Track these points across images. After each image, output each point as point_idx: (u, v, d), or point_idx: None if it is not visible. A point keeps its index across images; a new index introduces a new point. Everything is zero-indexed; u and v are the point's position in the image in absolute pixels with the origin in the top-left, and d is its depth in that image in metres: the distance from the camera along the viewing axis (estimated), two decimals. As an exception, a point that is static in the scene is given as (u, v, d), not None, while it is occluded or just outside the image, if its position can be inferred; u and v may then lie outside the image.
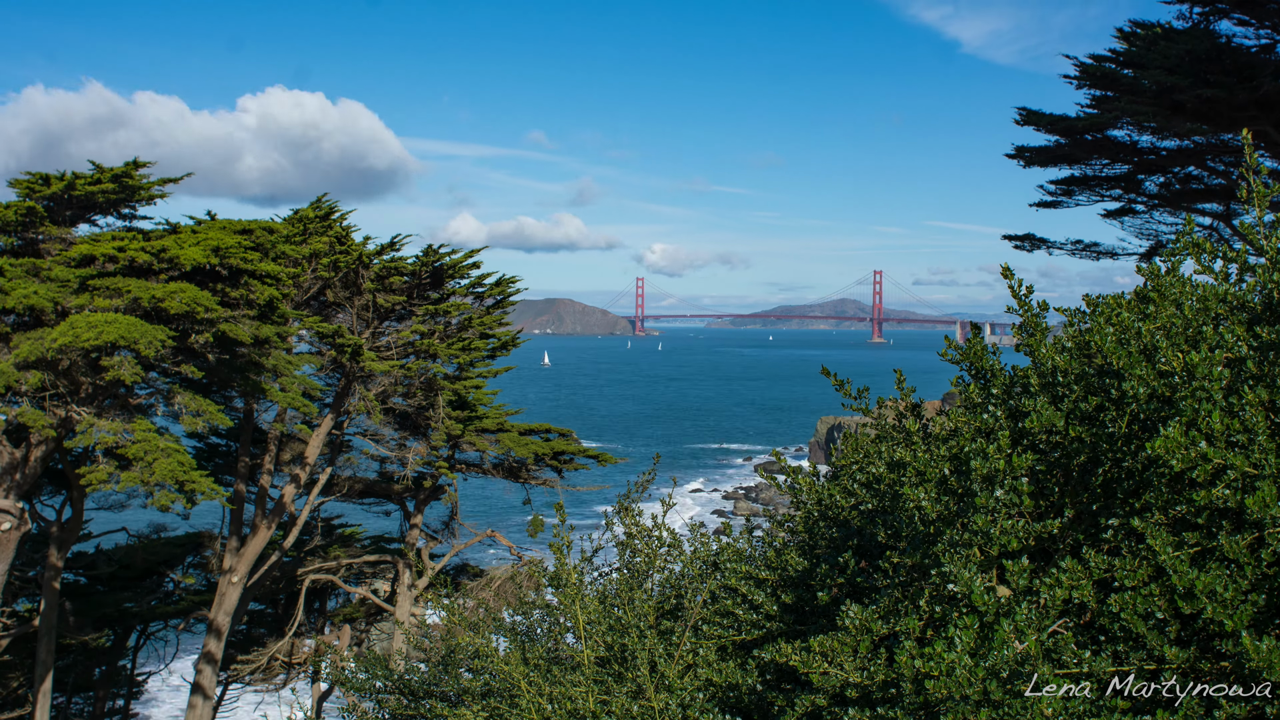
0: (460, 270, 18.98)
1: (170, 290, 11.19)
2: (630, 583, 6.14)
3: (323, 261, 16.76)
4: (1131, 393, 3.54)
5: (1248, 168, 4.08)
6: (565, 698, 5.08)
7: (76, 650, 19.02)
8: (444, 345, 17.88)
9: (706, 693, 4.84)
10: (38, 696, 14.73)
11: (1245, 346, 3.55)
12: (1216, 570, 3.16)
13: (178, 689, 33.43)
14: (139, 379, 11.37)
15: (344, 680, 7.35)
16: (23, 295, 10.85)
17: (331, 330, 16.33)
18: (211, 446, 21.13)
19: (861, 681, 3.77)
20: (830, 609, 4.82)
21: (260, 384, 13.39)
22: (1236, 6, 16.89)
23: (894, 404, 5.36)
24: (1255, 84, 16.10)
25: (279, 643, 20.48)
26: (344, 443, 20.45)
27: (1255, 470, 3.20)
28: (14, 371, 10.70)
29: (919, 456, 3.93)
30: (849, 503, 5.31)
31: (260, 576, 18.16)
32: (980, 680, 3.11)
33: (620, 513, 6.53)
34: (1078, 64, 18.98)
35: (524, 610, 7.23)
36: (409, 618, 20.11)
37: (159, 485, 10.79)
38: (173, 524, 21.74)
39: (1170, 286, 3.92)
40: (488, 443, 20.55)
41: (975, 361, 4.45)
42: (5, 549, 11.65)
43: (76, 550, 18.70)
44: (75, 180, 11.89)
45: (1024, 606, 3.27)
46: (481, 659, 5.87)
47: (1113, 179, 21.36)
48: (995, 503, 3.57)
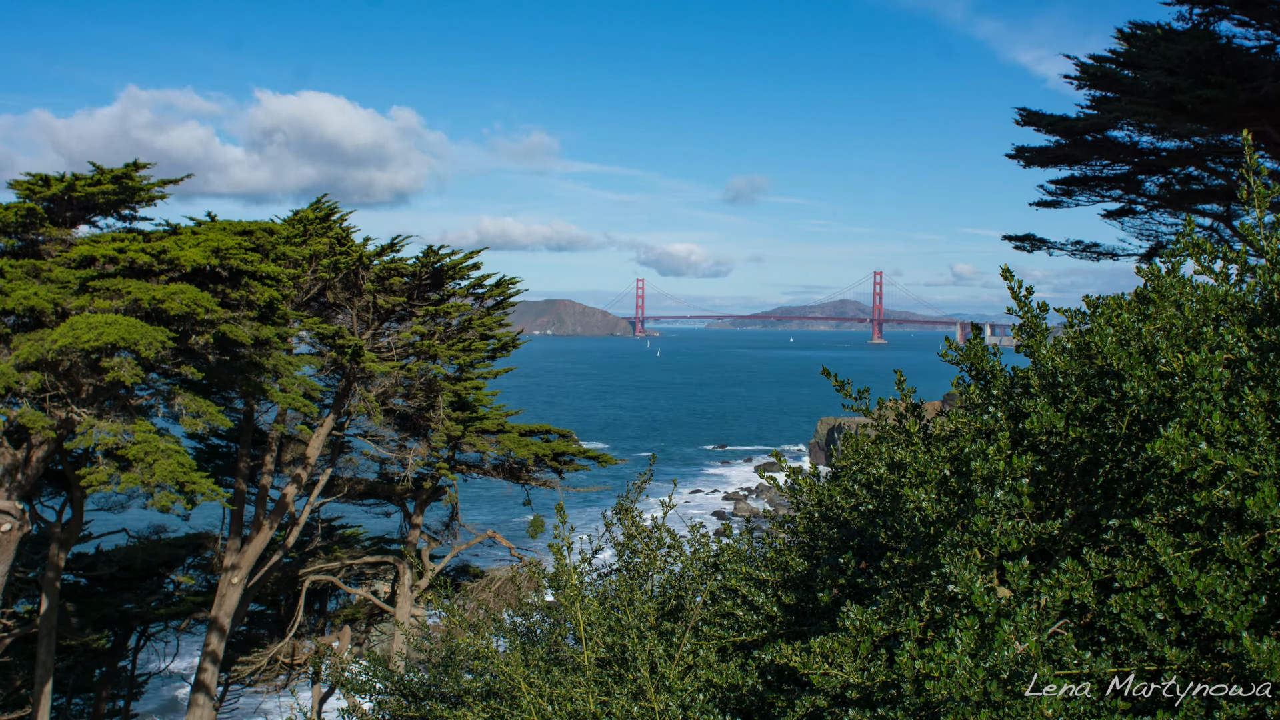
0: (460, 271, 18.99)
1: (170, 291, 11.20)
2: (630, 584, 6.14)
3: (323, 263, 16.77)
4: (1132, 393, 3.54)
5: (1248, 168, 4.08)
6: (566, 698, 5.08)
7: (77, 651, 19.00)
8: (444, 346, 17.89)
9: (707, 694, 4.84)
10: (38, 697, 14.73)
11: (1245, 347, 3.55)
12: (1217, 571, 3.16)
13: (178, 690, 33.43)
14: (139, 380, 11.37)
15: (344, 681, 7.35)
16: (23, 296, 10.86)
17: (332, 331, 16.34)
18: (212, 447, 21.13)
19: (862, 682, 3.77)
20: (831, 610, 4.82)
21: (261, 385, 13.40)
22: (1236, 7, 16.89)
23: (894, 405, 5.36)
24: (1255, 84, 16.11)
25: (279, 644, 20.47)
26: (344, 444, 20.45)
27: (1255, 471, 3.20)
28: (14, 373, 10.70)
29: (919, 457, 3.93)
30: (849, 503, 5.31)
31: (260, 577, 18.16)
32: (980, 681, 3.11)
33: (620, 514, 6.53)
34: (1078, 64, 18.99)
35: (524, 611, 7.23)
36: (409, 619, 20.11)
37: (159, 486, 10.79)
38: (173, 525, 21.76)
39: (1170, 287, 3.92)
40: (488, 444, 20.55)
41: (976, 362, 4.45)
42: (5, 550, 11.65)
43: (77, 551, 18.71)
44: (75, 181, 11.90)
45: (1024, 607, 3.27)
46: (482, 660, 5.87)
47: (1113, 179, 21.37)
48: (995, 504, 3.57)
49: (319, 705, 20.68)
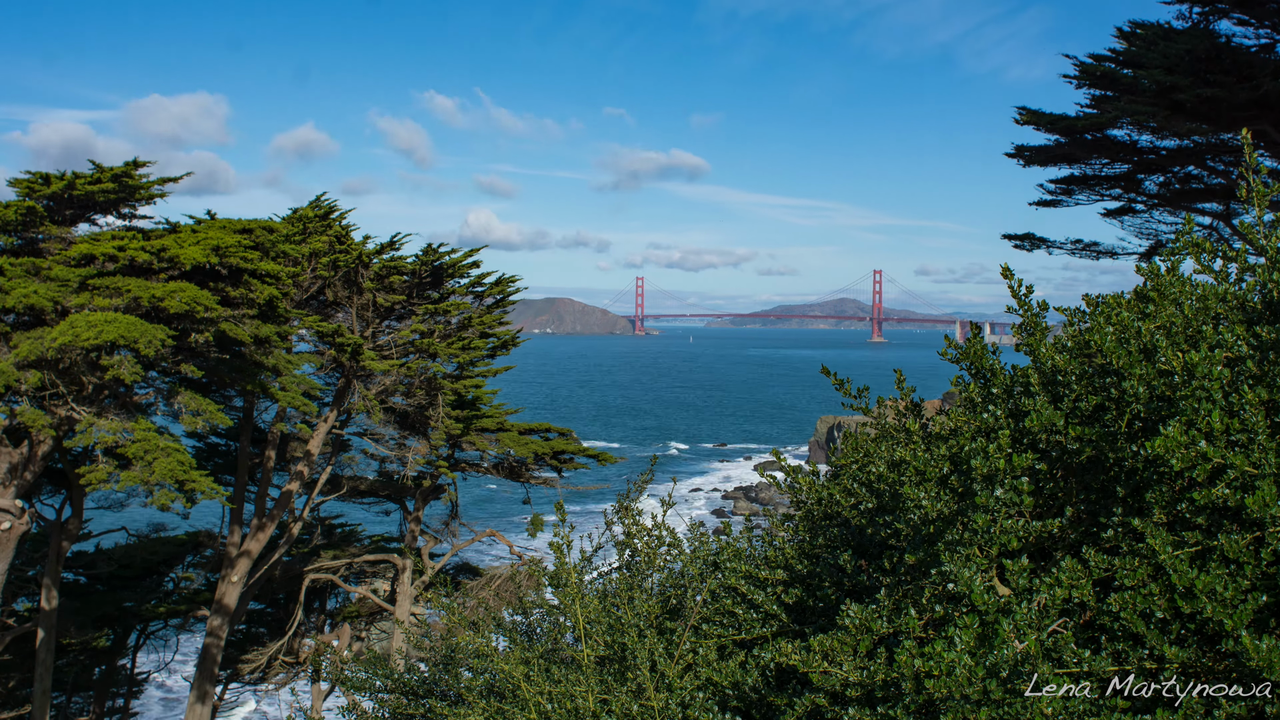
0: (460, 269, 18.99)
1: (170, 289, 11.20)
2: (630, 582, 6.15)
3: (322, 260, 16.77)
4: (1131, 392, 3.54)
5: (1247, 167, 4.08)
6: (566, 696, 5.08)
7: (76, 650, 19.01)
8: (444, 344, 17.89)
9: (707, 692, 4.85)
10: (37, 696, 14.74)
11: (1245, 346, 3.56)
12: (1216, 570, 3.16)
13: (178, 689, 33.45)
14: (139, 378, 11.37)
15: (344, 680, 7.35)
16: (23, 295, 10.86)
17: (331, 329, 16.34)
18: (211, 446, 21.13)
19: (862, 681, 3.77)
20: (830, 608, 4.83)
21: (260, 383, 13.40)
22: (1236, 6, 16.89)
23: (894, 404, 5.36)
24: (1255, 83, 16.10)
25: (279, 642, 20.48)
26: (344, 442, 20.46)
27: (1255, 469, 3.20)
28: (14, 371, 10.70)
29: (919, 456, 3.93)
30: (849, 502, 5.31)
31: (260, 576, 18.16)
32: (980, 679, 3.11)
33: (620, 512, 6.53)
34: (1077, 63, 18.99)
35: (524, 610, 7.24)
36: (409, 617, 20.12)
37: (159, 484, 10.80)
38: (172, 523, 21.76)
39: (1170, 286, 3.92)
40: (488, 442, 20.56)
41: (975, 361, 4.45)
42: (5, 548, 11.65)
43: (76, 550, 18.71)
44: (75, 180, 11.89)
45: (1024, 606, 3.27)
46: (482, 658, 5.87)
47: (1112, 178, 21.37)
48: (995, 502, 3.57)
49: (319, 703, 20.70)
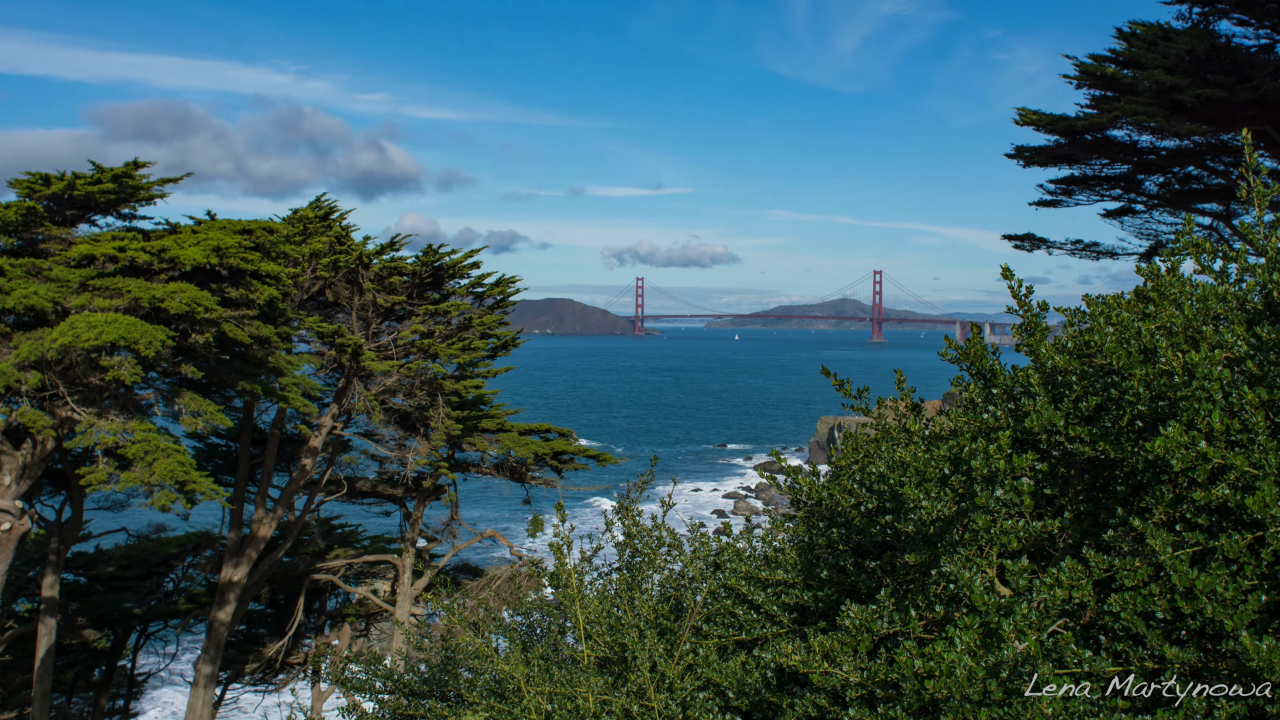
0: (460, 270, 18.99)
1: (170, 290, 11.20)
2: (630, 582, 6.14)
3: (323, 261, 16.77)
4: (1132, 393, 3.54)
5: (1247, 168, 4.08)
6: (566, 697, 5.08)
7: (76, 650, 19.01)
8: (444, 345, 17.89)
9: (707, 692, 4.85)
10: (37, 697, 14.74)
11: (1245, 346, 3.56)
12: (1217, 570, 3.16)
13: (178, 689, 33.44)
14: (139, 379, 11.37)
15: (344, 680, 7.35)
16: (23, 295, 10.86)
17: (332, 330, 16.34)
18: (211, 446, 21.12)
19: (862, 681, 3.77)
20: (831, 609, 4.83)
21: (261, 384, 13.39)
22: (1236, 6, 16.90)
23: (894, 404, 5.36)
24: (1255, 84, 16.11)
25: (279, 643, 20.48)
26: (344, 442, 20.45)
27: (1255, 470, 3.20)
28: (14, 371, 10.70)
29: (919, 456, 3.93)
30: (849, 502, 5.31)
31: (260, 576, 18.16)
32: (981, 680, 3.12)
33: (620, 513, 6.53)
34: (1077, 64, 18.99)
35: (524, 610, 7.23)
36: (409, 618, 20.12)
37: (159, 485, 10.80)
38: (173, 524, 21.73)
39: (1170, 286, 3.92)
40: (488, 443, 20.56)
41: (975, 361, 4.45)
42: (5, 549, 11.65)
43: (76, 550, 18.70)
44: (75, 180, 11.89)
45: (1024, 606, 3.27)
46: (481, 659, 5.87)
47: (1112, 179, 21.38)
48: (996, 503, 3.58)
49: (320, 704, 20.69)
